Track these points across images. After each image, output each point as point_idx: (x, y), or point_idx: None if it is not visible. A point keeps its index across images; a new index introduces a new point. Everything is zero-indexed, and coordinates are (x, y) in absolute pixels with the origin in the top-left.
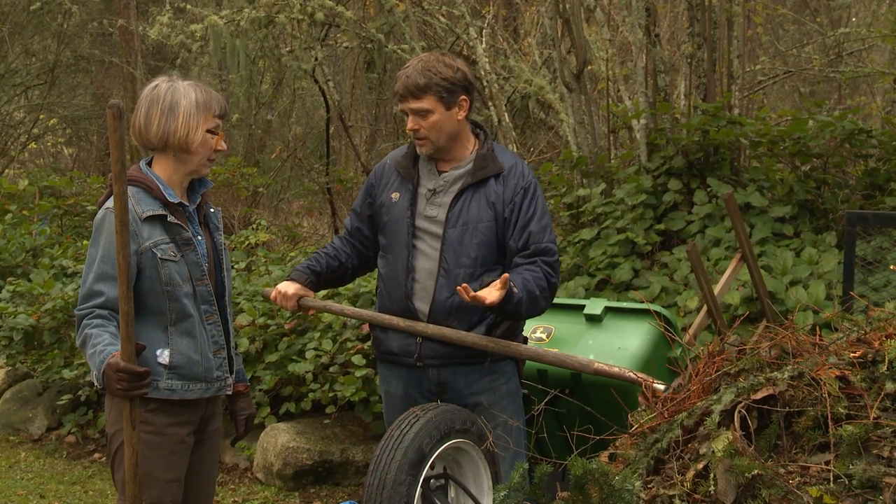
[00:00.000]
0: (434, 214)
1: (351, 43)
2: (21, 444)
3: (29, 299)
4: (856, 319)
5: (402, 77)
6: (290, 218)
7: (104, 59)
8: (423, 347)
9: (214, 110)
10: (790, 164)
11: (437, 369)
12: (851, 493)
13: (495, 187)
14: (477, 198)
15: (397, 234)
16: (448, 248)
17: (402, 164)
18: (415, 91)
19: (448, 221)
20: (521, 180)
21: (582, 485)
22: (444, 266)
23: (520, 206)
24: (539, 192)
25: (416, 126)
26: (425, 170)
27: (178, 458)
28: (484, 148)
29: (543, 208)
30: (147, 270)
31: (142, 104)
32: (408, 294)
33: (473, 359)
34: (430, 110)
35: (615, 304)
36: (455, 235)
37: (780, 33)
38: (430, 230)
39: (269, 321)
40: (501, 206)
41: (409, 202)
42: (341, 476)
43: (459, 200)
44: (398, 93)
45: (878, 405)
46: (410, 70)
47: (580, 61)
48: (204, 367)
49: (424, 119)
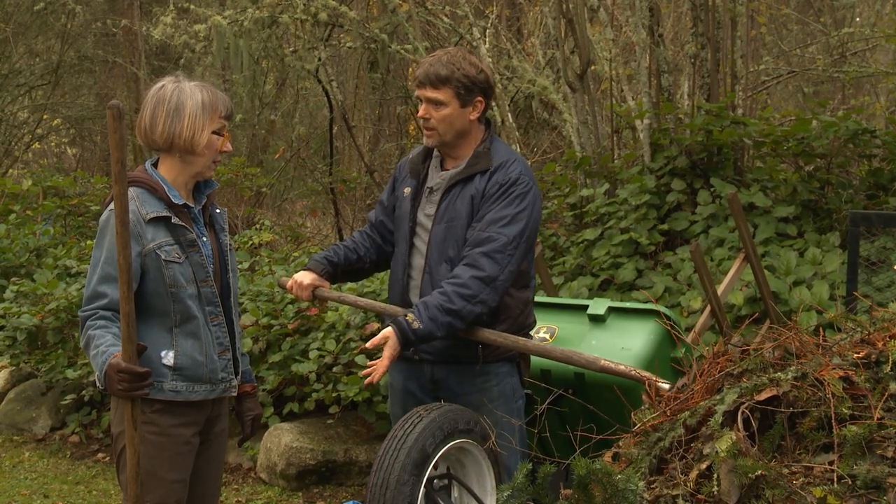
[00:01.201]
0: (430, 212)
1: (354, 43)
2: (25, 443)
3: (32, 299)
4: (859, 320)
5: (426, 64)
6: (294, 218)
7: (108, 59)
8: None
9: (220, 111)
10: (794, 164)
11: (431, 365)
12: (855, 493)
13: (478, 183)
14: (463, 194)
15: (401, 230)
16: (433, 245)
17: (413, 160)
18: (434, 80)
19: (435, 218)
20: (504, 175)
21: (585, 485)
22: (429, 263)
23: (491, 196)
24: (522, 189)
25: (427, 115)
26: (433, 167)
27: (182, 458)
28: (482, 146)
29: (520, 204)
30: (151, 272)
31: (147, 104)
32: (404, 289)
33: (465, 358)
34: (445, 103)
35: (619, 304)
36: (439, 232)
37: (783, 33)
38: (425, 226)
39: (273, 321)
40: (479, 201)
41: (412, 198)
42: (345, 476)
43: (447, 197)
44: (418, 78)
45: (882, 406)
46: (435, 59)
47: (583, 61)
48: (209, 368)
49: (437, 110)
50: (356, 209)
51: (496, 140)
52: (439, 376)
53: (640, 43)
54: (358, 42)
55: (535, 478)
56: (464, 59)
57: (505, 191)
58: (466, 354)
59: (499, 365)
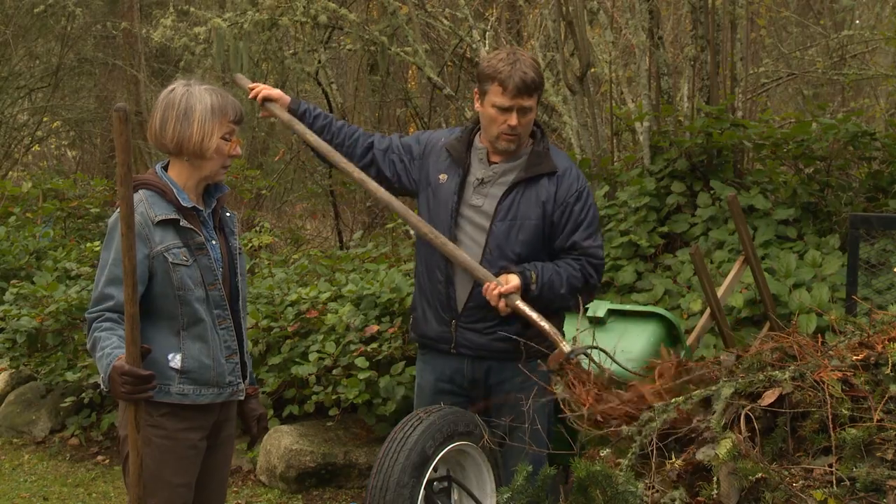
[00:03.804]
0: (480, 204)
1: (354, 45)
2: (24, 446)
3: (32, 301)
4: (859, 322)
5: (518, 72)
6: (294, 220)
7: (108, 61)
8: (458, 335)
9: (230, 116)
10: (793, 166)
11: (471, 361)
12: (855, 496)
13: (548, 186)
14: (528, 194)
15: (440, 218)
16: (493, 241)
17: (455, 148)
18: (532, 88)
19: (497, 214)
20: (577, 183)
21: (585, 487)
22: (488, 258)
23: (572, 208)
24: (592, 199)
25: (518, 123)
26: (476, 158)
27: (189, 462)
28: (540, 146)
29: (595, 215)
30: (159, 275)
31: (158, 108)
32: (448, 279)
33: (506, 354)
34: (532, 109)
35: (618, 306)
36: (502, 229)
37: (783, 36)
38: (474, 220)
39: (273, 323)
40: (552, 207)
41: (456, 187)
42: (344, 479)
43: (511, 194)
44: (517, 87)
45: (882, 408)
46: (521, 66)
47: (583, 64)
48: (216, 371)
49: (524, 116)
50: (356, 212)
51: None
52: (479, 374)
53: (639, 45)
54: (358, 44)
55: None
56: (534, 60)
57: (584, 203)
58: (507, 349)
59: (535, 363)
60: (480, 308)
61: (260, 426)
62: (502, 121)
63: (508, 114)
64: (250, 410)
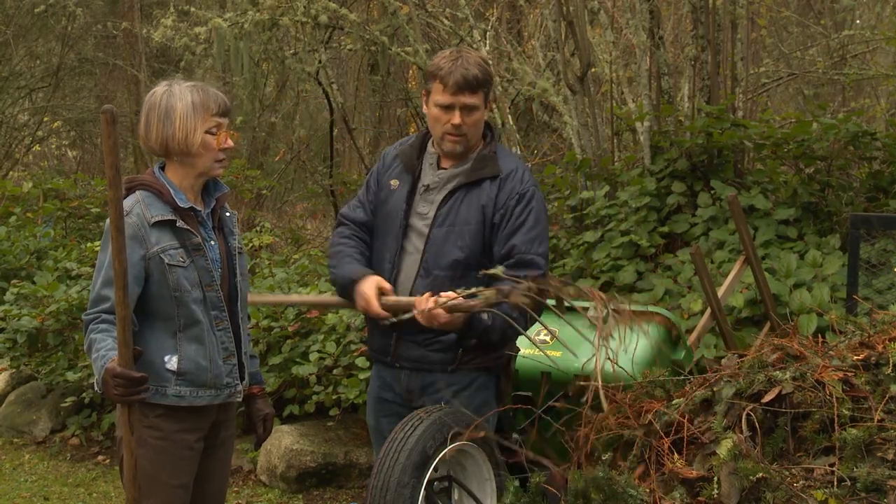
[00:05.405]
0: (425, 211)
1: (354, 45)
2: (25, 446)
3: (33, 301)
4: (860, 322)
5: (460, 68)
6: (294, 220)
7: (108, 61)
8: (398, 348)
9: (212, 110)
10: (794, 166)
11: (408, 373)
12: (856, 496)
13: (489, 190)
14: (468, 199)
15: (389, 226)
16: (431, 248)
17: (406, 154)
18: (473, 85)
19: (435, 220)
20: (519, 185)
21: (583, 494)
22: (425, 265)
23: (511, 211)
24: (536, 202)
25: (462, 122)
26: (427, 164)
27: (185, 464)
28: (487, 149)
29: (537, 219)
30: (155, 276)
31: (143, 112)
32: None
33: (439, 365)
34: (478, 107)
35: None
36: (440, 235)
37: (783, 36)
38: (417, 227)
39: (273, 323)
40: (492, 210)
41: (406, 195)
42: (345, 478)
43: (450, 200)
44: (457, 83)
45: (883, 408)
46: (464, 62)
47: (584, 64)
48: (213, 373)
49: (470, 115)
50: None
51: (499, 144)
52: (413, 385)
53: (640, 45)
54: (358, 44)
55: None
56: (482, 58)
57: (525, 205)
58: (442, 361)
59: (474, 375)
60: None
61: (266, 426)
62: (445, 120)
63: (451, 112)
64: (257, 410)
